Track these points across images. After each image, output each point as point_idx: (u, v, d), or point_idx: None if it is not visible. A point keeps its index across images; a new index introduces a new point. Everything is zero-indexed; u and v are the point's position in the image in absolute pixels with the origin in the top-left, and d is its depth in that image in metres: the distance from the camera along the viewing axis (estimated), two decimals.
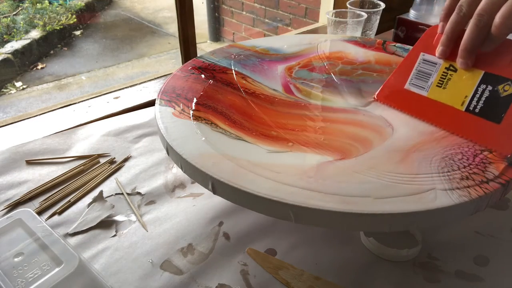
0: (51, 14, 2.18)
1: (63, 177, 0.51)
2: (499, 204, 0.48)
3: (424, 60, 0.44)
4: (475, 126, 0.39)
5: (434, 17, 0.82)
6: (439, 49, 0.43)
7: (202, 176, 0.34)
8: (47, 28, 2.12)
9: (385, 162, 0.37)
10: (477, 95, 0.40)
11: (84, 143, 0.57)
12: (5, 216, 0.43)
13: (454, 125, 0.40)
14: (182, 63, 0.80)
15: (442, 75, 0.42)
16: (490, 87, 0.39)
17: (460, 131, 0.40)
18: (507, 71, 0.38)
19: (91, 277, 0.38)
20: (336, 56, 0.57)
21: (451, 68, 0.42)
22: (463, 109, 0.40)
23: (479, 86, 0.40)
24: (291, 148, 0.39)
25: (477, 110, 0.40)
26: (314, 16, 1.76)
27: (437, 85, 0.43)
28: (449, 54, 0.42)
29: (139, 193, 0.49)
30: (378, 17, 0.77)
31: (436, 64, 0.43)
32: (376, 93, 0.48)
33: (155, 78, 0.80)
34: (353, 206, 0.30)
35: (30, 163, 0.53)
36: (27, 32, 2.07)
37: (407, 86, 0.45)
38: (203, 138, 0.38)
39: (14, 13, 2.15)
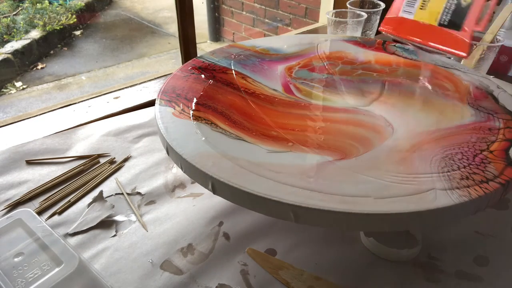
0: (51, 14, 2.18)
1: (63, 177, 0.51)
2: (499, 204, 0.48)
3: None
4: (444, 36, 0.48)
5: None
6: None
7: (202, 176, 0.34)
8: (47, 28, 2.12)
9: (385, 162, 0.37)
10: (446, 10, 0.47)
11: (84, 143, 0.57)
12: (5, 216, 0.43)
13: (430, 39, 0.49)
14: (182, 63, 0.80)
15: None
16: (455, 1, 0.46)
17: (435, 42, 0.49)
18: None
19: (91, 277, 0.38)
20: (336, 56, 0.57)
21: None
22: (436, 24, 0.49)
23: (448, 2, 0.47)
24: (291, 148, 0.39)
25: (446, 23, 0.48)
26: (314, 16, 1.76)
27: (420, 8, 0.50)
28: None
29: (139, 193, 0.49)
30: (378, 17, 0.77)
31: None
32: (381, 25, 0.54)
33: (155, 78, 0.80)
34: (353, 206, 0.30)
35: (30, 163, 0.53)
36: (27, 32, 2.07)
37: (400, 13, 0.53)
38: (203, 138, 0.38)
39: (14, 13, 2.15)
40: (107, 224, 0.45)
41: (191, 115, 0.41)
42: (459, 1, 0.46)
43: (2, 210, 0.46)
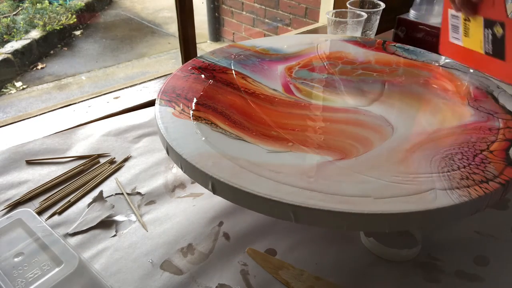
0: (51, 14, 2.18)
1: (63, 177, 0.51)
2: (499, 204, 0.48)
3: (452, 15, 0.50)
4: (492, 65, 0.47)
5: (434, 17, 0.82)
6: (452, 6, 0.49)
7: (202, 176, 0.34)
8: (47, 28, 2.12)
9: (385, 162, 0.37)
10: (486, 39, 0.46)
11: (84, 143, 0.57)
12: (5, 216, 0.43)
13: (481, 67, 0.49)
14: (182, 63, 0.79)
15: (464, 25, 0.49)
16: (490, 31, 0.46)
17: (486, 71, 0.48)
18: (494, 13, 0.45)
19: (91, 277, 0.38)
20: (336, 56, 0.57)
21: (467, 18, 0.48)
22: (483, 52, 0.48)
23: (484, 30, 0.46)
24: (291, 148, 0.39)
25: (490, 52, 0.47)
26: (314, 16, 1.76)
27: (464, 35, 0.49)
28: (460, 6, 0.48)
29: (139, 193, 0.49)
30: (378, 17, 0.77)
31: (458, 16, 0.49)
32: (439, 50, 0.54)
33: (155, 78, 0.80)
34: (353, 206, 0.30)
35: (30, 163, 0.53)
36: (27, 32, 2.07)
37: (450, 39, 0.52)
38: (203, 138, 0.38)
39: (14, 13, 2.15)
40: (107, 224, 0.45)
41: (191, 115, 0.41)
42: (494, 31, 0.45)
43: (2, 210, 0.46)
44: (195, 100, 0.44)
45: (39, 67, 2.02)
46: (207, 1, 2.31)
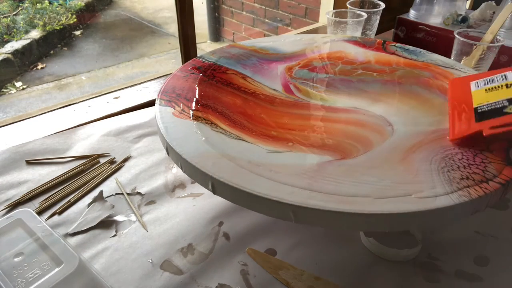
0: (51, 14, 2.18)
1: (63, 177, 0.51)
2: (499, 204, 0.48)
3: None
4: None
5: (434, 17, 0.82)
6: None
7: (202, 176, 0.34)
8: (47, 28, 2.12)
9: (385, 162, 0.37)
10: None
11: (84, 143, 0.57)
12: (5, 216, 0.43)
13: None
14: (182, 63, 0.80)
15: None
16: None
17: None
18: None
19: (91, 277, 0.38)
20: (336, 56, 0.57)
21: None
22: None
23: None
24: (291, 148, 0.39)
25: None
26: (314, 16, 1.76)
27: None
28: None
29: (139, 193, 0.49)
30: (378, 17, 0.77)
31: None
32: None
33: (155, 78, 0.80)
34: (353, 206, 0.30)
35: (30, 163, 0.53)
36: (27, 32, 2.07)
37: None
38: (203, 138, 0.38)
39: (14, 13, 2.14)
40: (107, 224, 0.45)
41: (191, 115, 0.41)
42: None
43: (2, 210, 0.46)
44: (195, 100, 0.44)
45: (39, 67, 2.02)
46: (207, 1, 2.31)
